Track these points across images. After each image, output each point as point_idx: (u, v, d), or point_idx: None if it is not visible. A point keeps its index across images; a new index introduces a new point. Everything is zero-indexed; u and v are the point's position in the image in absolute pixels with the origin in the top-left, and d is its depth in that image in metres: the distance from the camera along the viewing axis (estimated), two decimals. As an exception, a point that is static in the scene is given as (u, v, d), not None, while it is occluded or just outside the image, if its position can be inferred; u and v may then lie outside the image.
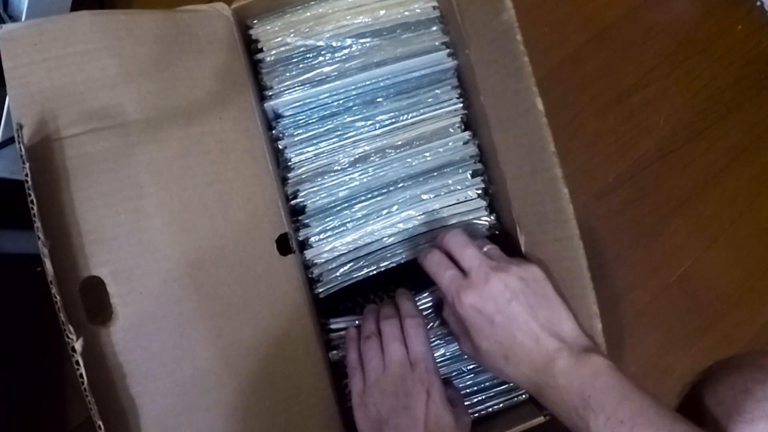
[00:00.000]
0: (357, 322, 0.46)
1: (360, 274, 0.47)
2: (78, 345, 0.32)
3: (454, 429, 0.39)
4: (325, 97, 0.47)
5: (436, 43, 0.49)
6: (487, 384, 0.48)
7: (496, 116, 0.45)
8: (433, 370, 0.41)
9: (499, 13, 0.39)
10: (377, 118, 0.48)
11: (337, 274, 0.47)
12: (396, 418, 0.39)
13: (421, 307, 0.46)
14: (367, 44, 0.48)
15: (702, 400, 0.52)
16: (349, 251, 0.47)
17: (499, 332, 0.38)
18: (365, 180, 0.48)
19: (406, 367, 0.40)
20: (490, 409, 0.48)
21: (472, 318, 0.39)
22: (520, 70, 0.39)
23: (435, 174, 0.48)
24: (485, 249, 0.42)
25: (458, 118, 0.49)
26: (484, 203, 0.48)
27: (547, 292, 0.39)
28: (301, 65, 0.47)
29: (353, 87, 0.48)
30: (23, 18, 0.47)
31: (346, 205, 0.48)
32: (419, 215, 0.47)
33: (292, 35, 0.47)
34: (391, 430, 0.39)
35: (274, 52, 0.47)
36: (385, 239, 0.47)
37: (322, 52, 0.48)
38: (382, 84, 0.48)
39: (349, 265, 0.47)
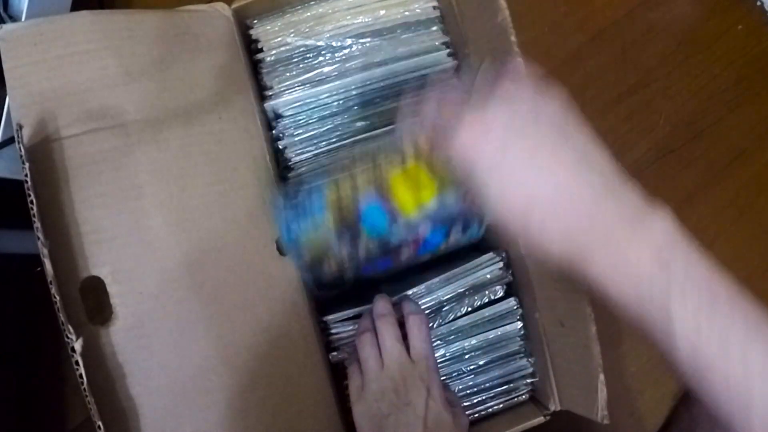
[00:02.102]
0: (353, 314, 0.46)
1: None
2: (78, 345, 0.32)
3: (453, 428, 0.39)
4: (325, 97, 0.47)
5: (436, 43, 0.49)
6: (487, 384, 0.48)
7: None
8: (434, 369, 0.40)
9: (494, 15, 0.40)
10: (377, 118, 0.48)
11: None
12: (396, 414, 0.38)
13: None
14: (367, 44, 0.48)
15: (699, 400, 0.52)
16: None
17: (515, 171, 0.27)
18: (365, 180, 0.48)
19: (406, 364, 0.40)
20: (490, 409, 0.48)
21: (474, 155, 0.28)
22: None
23: (435, 174, 0.48)
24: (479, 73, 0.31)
25: (458, 118, 0.49)
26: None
27: (571, 117, 0.29)
28: (301, 65, 0.47)
29: (353, 87, 0.48)
30: (23, 18, 0.47)
31: (346, 205, 0.48)
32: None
33: (292, 35, 0.47)
34: (390, 426, 0.38)
35: (274, 52, 0.47)
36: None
37: (322, 52, 0.48)
38: (382, 84, 0.48)
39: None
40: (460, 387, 0.48)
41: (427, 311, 0.47)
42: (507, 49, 0.39)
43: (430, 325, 0.47)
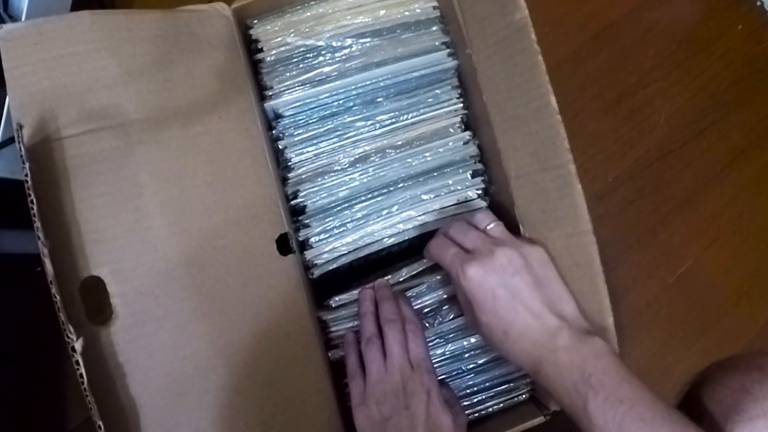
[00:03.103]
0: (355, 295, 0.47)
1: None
2: (78, 345, 0.32)
3: (452, 429, 0.40)
4: (326, 97, 0.47)
5: (437, 43, 0.49)
6: (487, 384, 0.48)
7: (500, 115, 0.44)
8: (432, 372, 0.42)
9: (510, 13, 0.40)
10: (377, 118, 0.48)
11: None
12: (397, 417, 0.40)
13: (416, 305, 0.46)
14: (367, 44, 0.48)
15: (700, 400, 0.52)
16: (350, 252, 0.47)
17: (500, 306, 0.38)
18: (365, 180, 0.48)
19: (406, 370, 0.41)
20: (490, 409, 0.48)
21: (474, 291, 0.39)
22: (534, 69, 0.39)
23: (435, 174, 0.48)
24: (490, 226, 0.42)
25: (458, 118, 0.49)
26: (484, 204, 0.48)
27: (549, 273, 0.39)
28: (301, 65, 0.47)
29: (353, 87, 0.48)
30: (23, 18, 0.47)
31: (346, 205, 0.48)
32: (419, 215, 0.47)
33: (292, 35, 0.47)
34: (391, 429, 0.40)
35: (274, 52, 0.47)
36: (385, 240, 0.47)
37: (322, 52, 0.48)
38: (382, 84, 0.48)
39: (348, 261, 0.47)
40: (460, 386, 0.48)
41: (426, 309, 0.47)
42: (525, 47, 0.39)
43: (431, 323, 0.47)
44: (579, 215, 0.39)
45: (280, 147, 0.47)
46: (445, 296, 0.47)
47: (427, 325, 0.47)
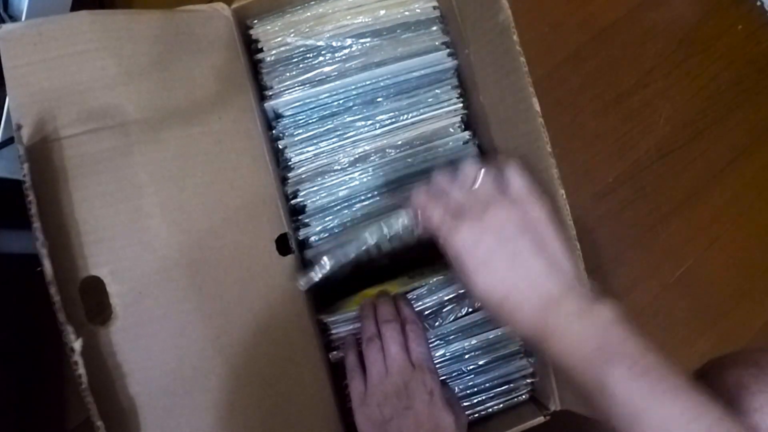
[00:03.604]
0: (352, 324, 0.46)
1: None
2: (77, 345, 0.32)
3: (454, 429, 0.39)
4: (325, 97, 0.47)
5: (436, 43, 0.49)
6: (488, 385, 0.48)
7: (495, 116, 0.45)
8: (433, 372, 0.41)
9: (495, 14, 0.39)
10: (377, 118, 0.48)
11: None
12: (398, 418, 0.39)
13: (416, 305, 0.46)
14: (367, 44, 0.48)
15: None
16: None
17: (497, 271, 0.34)
18: (365, 180, 0.48)
19: (407, 370, 0.41)
20: (491, 410, 0.48)
21: (466, 256, 0.35)
22: (517, 71, 0.39)
23: (435, 174, 0.48)
24: (479, 177, 0.37)
25: (458, 118, 0.49)
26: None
27: (549, 231, 0.35)
28: (301, 65, 0.47)
29: (353, 87, 0.48)
30: (23, 18, 0.47)
31: (346, 204, 0.48)
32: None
33: (292, 35, 0.47)
34: (393, 429, 0.39)
35: (274, 52, 0.47)
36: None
37: (322, 52, 0.48)
38: (382, 84, 0.48)
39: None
40: (460, 387, 0.48)
41: (427, 311, 0.47)
42: (508, 49, 0.39)
43: (431, 325, 0.47)
44: (563, 221, 0.38)
45: (280, 147, 0.47)
46: (446, 298, 0.47)
47: (428, 327, 0.47)
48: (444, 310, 0.47)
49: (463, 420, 0.42)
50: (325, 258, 0.42)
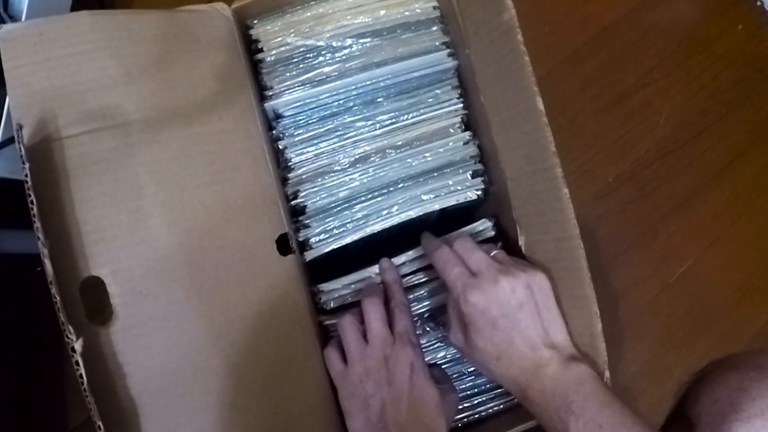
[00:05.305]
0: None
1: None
2: (78, 345, 0.32)
3: (439, 403, 0.39)
4: (326, 97, 0.47)
5: (437, 43, 0.49)
6: (488, 386, 0.48)
7: (497, 116, 0.45)
8: (416, 346, 0.41)
9: (499, 13, 0.39)
10: (377, 119, 0.48)
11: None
12: (380, 393, 0.39)
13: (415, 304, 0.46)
14: (368, 44, 0.48)
15: (698, 399, 0.52)
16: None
17: (498, 335, 0.39)
18: (365, 180, 0.48)
19: (388, 343, 0.41)
20: (491, 410, 0.48)
21: (474, 316, 0.39)
22: (521, 70, 0.39)
23: (435, 174, 0.48)
24: (493, 253, 0.42)
25: (458, 119, 0.49)
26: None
27: (549, 303, 0.40)
28: (301, 65, 0.47)
29: (353, 87, 0.48)
30: (23, 18, 0.47)
31: (346, 205, 0.48)
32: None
33: (292, 35, 0.47)
34: (376, 404, 0.39)
35: (274, 52, 0.47)
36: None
37: (323, 52, 0.48)
38: (382, 84, 0.48)
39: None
40: (461, 388, 0.48)
41: (428, 314, 0.47)
42: (512, 48, 0.39)
43: (432, 327, 0.47)
44: (566, 219, 0.39)
45: (280, 147, 0.47)
46: (446, 301, 0.47)
47: (428, 329, 0.47)
48: (444, 312, 0.47)
49: (452, 396, 0.42)
50: None
